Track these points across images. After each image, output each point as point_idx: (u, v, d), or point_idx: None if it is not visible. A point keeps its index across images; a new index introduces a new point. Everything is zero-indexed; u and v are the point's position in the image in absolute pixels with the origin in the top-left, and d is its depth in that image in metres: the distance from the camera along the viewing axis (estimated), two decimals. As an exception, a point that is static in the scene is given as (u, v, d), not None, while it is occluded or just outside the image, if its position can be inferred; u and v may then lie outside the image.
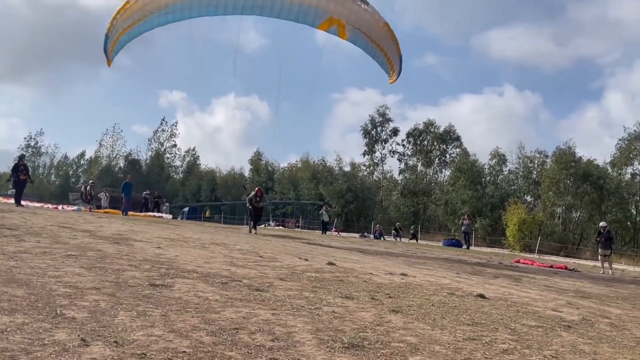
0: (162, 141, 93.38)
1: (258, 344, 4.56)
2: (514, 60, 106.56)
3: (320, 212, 40.20)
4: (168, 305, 5.59)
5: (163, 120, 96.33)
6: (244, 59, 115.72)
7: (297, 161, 75.69)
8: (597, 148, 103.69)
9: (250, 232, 23.25)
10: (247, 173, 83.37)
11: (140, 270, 7.51)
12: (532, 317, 7.37)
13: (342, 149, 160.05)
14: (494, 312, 7.40)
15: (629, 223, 48.36)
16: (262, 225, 47.16)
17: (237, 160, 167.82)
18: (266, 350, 4.39)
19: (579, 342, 6.05)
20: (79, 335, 4.17)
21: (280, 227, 47.98)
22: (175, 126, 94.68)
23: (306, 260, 11.39)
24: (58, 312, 4.79)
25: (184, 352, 4.12)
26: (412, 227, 45.63)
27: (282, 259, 11.25)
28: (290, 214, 62.72)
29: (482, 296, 8.82)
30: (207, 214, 59.49)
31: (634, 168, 48.60)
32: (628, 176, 48.96)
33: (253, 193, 24.40)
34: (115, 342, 4.15)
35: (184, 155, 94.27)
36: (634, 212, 49.12)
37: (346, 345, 4.75)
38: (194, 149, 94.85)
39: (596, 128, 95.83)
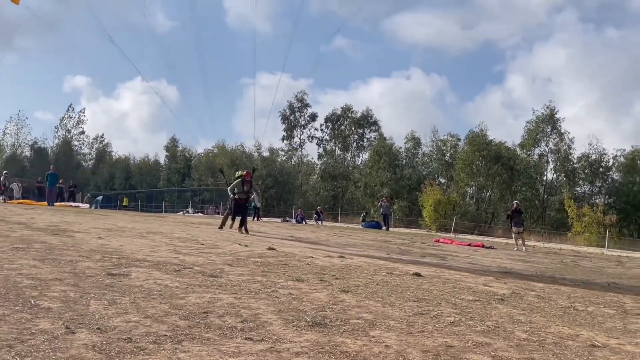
0: (70, 128, 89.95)
1: (230, 325, 4.83)
2: (421, 44, 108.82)
3: (252, 197, 39.83)
4: (133, 293, 5.76)
5: (70, 106, 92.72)
6: (152, 42, 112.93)
7: (213, 147, 75.11)
8: (502, 129, 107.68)
9: (222, 227, 18.27)
10: (162, 160, 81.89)
11: (92, 260, 7.59)
12: (468, 292, 7.96)
13: (256, 133, 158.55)
14: (433, 289, 7.95)
15: (537, 201, 50.96)
16: (181, 213, 46.70)
17: (149, 147, 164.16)
18: (239, 331, 4.67)
19: (514, 313, 6.64)
20: (63, 324, 4.32)
21: (200, 214, 47.64)
22: (83, 112, 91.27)
23: (246, 246, 11.67)
24: (32, 303, 4.90)
25: (165, 335, 4.35)
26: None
27: (223, 245, 11.48)
28: (210, 201, 62.29)
29: (418, 274, 9.38)
30: (125, 202, 58.26)
31: (541, 149, 51.23)
32: (536, 157, 51.52)
33: (239, 179, 17.94)
34: (99, 328, 4.33)
35: (92, 143, 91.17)
36: (542, 191, 51.78)
37: (310, 324, 5.09)
38: (102, 136, 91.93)
39: (499, 109, 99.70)
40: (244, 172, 18.29)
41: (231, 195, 18.01)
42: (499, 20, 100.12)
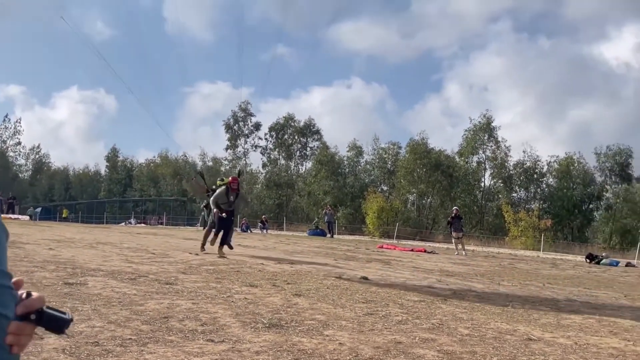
0: (5, 139, 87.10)
1: (190, 329, 5.07)
2: (361, 52, 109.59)
3: (202, 207, 39.25)
4: (92, 300, 5.93)
5: (6, 117, 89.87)
6: (90, 51, 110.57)
7: (154, 157, 74.17)
8: (441, 136, 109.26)
9: (203, 248, 13.41)
10: (103, 171, 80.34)
11: (47, 270, 7.69)
12: (413, 294, 8.38)
13: (197, 141, 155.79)
14: (380, 291, 8.34)
15: (475, 207, 52.29)
16: (123, 224, 46.05)
17: (87, 156, 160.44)
18: (200, 334, 4.92)
19: (457, 311, 7.08)
20: (30, 331, 4.48)
21: (143, 225, 47.10)
22: (19, 123, 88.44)
23: (197, 254, 11.84)
24: (-3, 312, 5.02)
25: (130, 338, 4.57)
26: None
27: (174, 254, 11.63)
28: (152, 211, 61.64)
29: (365, 278, 9.77)
30: (65, 214, 57.00)
31: (479, 156, 52.61)
32: (474, 164, 52.89)
33: (223, 187, 13.67)
34: (65, 334, 4.50)
35: (28, 153, 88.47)
36: (480, 197, 53.19)
37: (267, 326, 5.38)
38: (38, 146, 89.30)
39: (439, 118, 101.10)
40: (229, 179, 14.09)
41: (214, 210, 13.66)
42: (437, 29, 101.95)
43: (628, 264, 22.43)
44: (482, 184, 53.77)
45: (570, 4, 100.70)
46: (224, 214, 13.27)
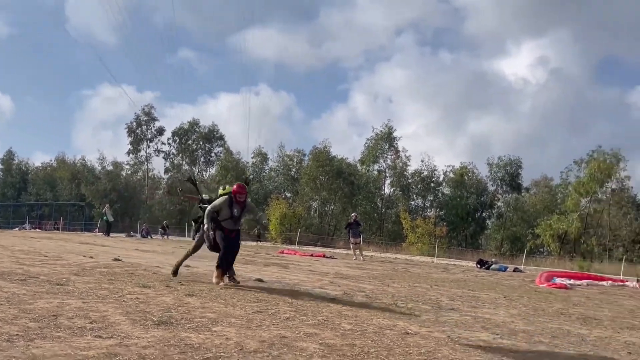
0: None
1: (79, 326, 5.18)
2: (270, 60, 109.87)
3: (103, 211, 38.01)
4: (-21, 300, 5.91)
5: None
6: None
7: (51, 160, 71.45)
8: (348, 145, 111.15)
9: (176, 273, 9.88)
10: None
11: None
12: (304, 294, 8.75)
13: (97, 146, 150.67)
14: (273, 292, 8.64)
15: (375, 214, 53.62)
16: (17, 229, 44.20)
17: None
18: (88, 330, 5.04)
19: (343, 309, 7.48)
20: None
21: (38, 230, 45.34)
22: None
23: (91, 257, 11.74)
24: None
25: (17, 334, 4.65)
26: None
27: (67, 257, 11.50)
28: (48, 216, 59.34)
29: (260, 280, 10.06)
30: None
31: (380, 165, 54.04)
32: (375, 172, 54.26)
33: (226, 196, 9.61)
34: (-50, 331, 4.54)
35: None
36: (380, 204, 54.60)
37: (157, 323, 5.56)
38: None
39: (345, 127, 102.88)
40: (236, 185, 9.74)
41: (206, 226, 9.41)
42: (343, 40, 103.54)
43: (515, 269, 23.70)
44: (383, 192, 55.21)
45: (471, 20, 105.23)
46: (210, 232, 9.45)
